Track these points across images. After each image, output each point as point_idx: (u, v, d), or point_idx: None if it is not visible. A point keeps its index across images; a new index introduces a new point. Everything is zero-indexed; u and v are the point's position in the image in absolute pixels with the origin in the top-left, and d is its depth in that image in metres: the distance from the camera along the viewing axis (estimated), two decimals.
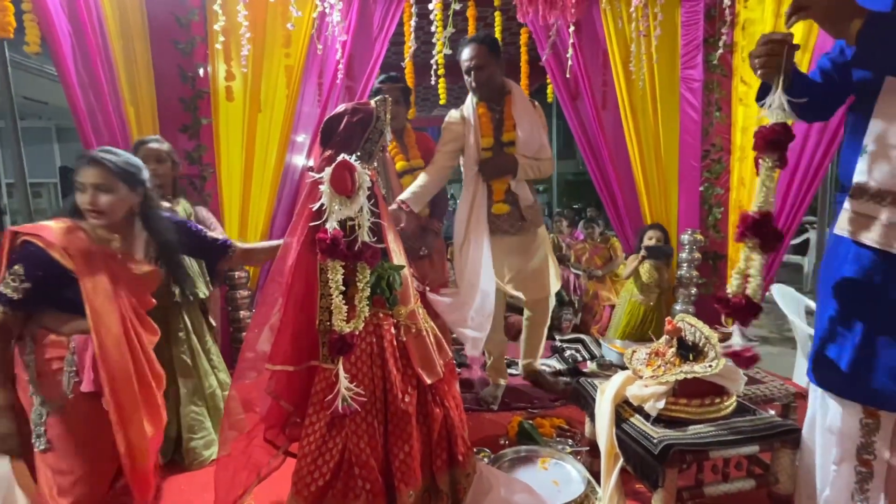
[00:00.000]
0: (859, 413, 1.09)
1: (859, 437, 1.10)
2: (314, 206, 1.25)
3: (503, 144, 2.24)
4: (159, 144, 2.04)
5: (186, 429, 1.94)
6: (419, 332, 1.36)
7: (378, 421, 1.29)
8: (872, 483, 1.10)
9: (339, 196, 1.21)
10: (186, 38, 2.65)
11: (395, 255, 1.35)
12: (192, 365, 1.98)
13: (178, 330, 1.95)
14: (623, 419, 1.50)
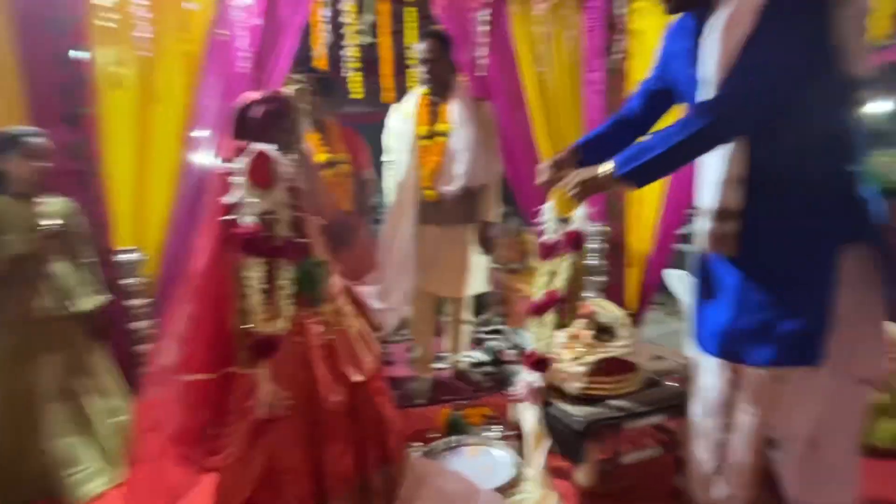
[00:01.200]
0: (726, 370, 1.23)
1: (727, 392, 1.24)
2: (228, 200, 1.16)
3: (435, 133, 2.26)
4: (37, 139, 1.78)
5: (60, 464, 1.68)
6: (345, 329, 1.32)
7: (306, 424, 1.23)
8: (735, 437, 1.23)
9: (256, 188, 1.13)
10: (62, 16, 2.33)
11: (318, 251, 1.30)
12: (65, 388, 1.73)
13: (44, 349, 1.70)
14: (547, 402, 1.57)
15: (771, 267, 1.18)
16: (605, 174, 1.25)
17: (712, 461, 1.34)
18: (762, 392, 1.21)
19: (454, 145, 2.26)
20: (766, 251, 1.18)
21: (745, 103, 1.09)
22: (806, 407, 1.21)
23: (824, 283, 1.14)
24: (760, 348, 1.18)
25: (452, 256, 2.37)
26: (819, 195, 1.15)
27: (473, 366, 2.80)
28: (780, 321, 1.15)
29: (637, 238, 3.44)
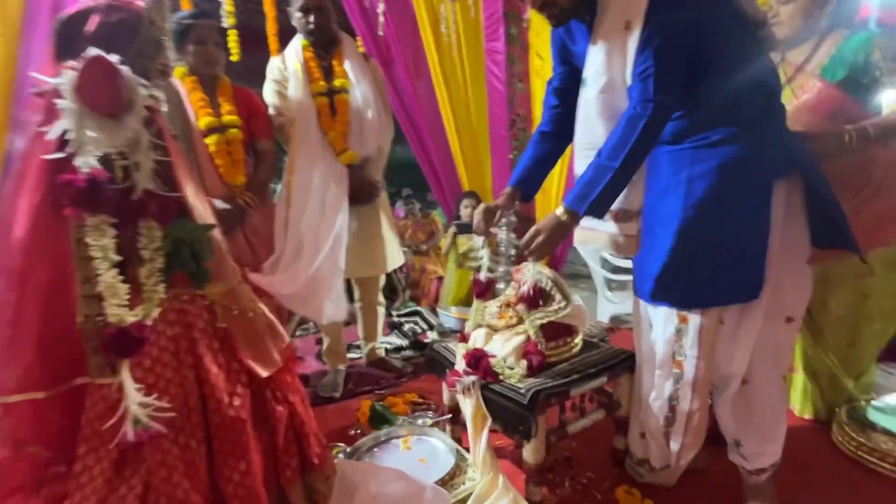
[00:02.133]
0: (672, 319, 1.22)
1: (674, 340, 1.23)
2: (51, 133, 0.81)
3: (335, 91, 1.99)
4: None
5: None
6: (243, 313, 1.03)
7: (196, 439, 0.93)
8: (682, 382, 1.24)
9: (94, 115, 0.80)
10: None
11: (199, 214, 0.99)
12: None
13: None
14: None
15: (710, 208, 1.16)
16: (566, 221, 1.24)
17: (664, 415, 1.31)
18: (705, 335, 1.20)
19: (357, 103, 2.00)
20: (706, 195, 1.16)
21: (669, 83, 1.12)
22: (741, 346, 1.23)
23: (762, 219, 1.16)
24: (703, 289, 1.18)
25: (366, 231, 2.12)
26: (752, 132, 1.16)
27: (392, 351, 2.59)
28: (721, 259, 1.16)
29: (543, 211, 3.46)
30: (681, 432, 1.29)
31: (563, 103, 1.45)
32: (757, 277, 1.16)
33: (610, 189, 1.19)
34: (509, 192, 1.50)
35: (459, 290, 3.25)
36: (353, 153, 1.98)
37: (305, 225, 1.88)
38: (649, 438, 1.39)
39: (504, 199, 1.50)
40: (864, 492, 1.43)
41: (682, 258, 1.18)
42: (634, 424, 1.47)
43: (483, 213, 1.46)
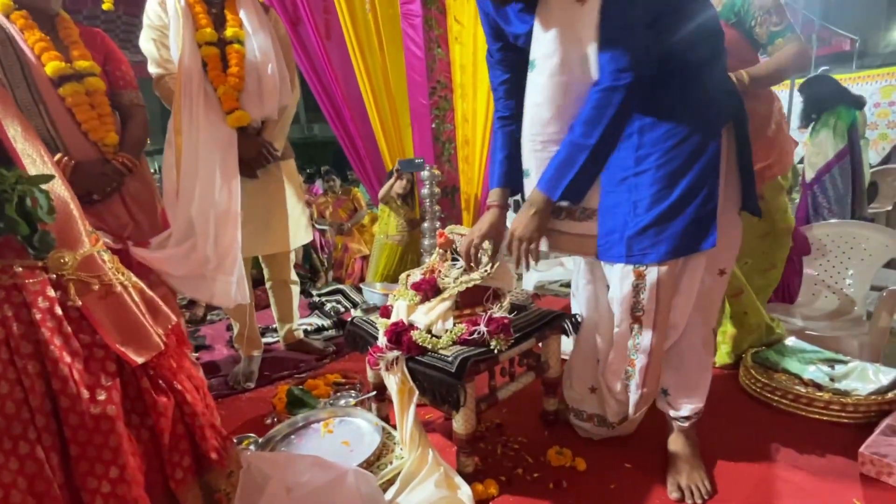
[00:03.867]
0: (630, 275, 1.19)
1: (632, 296, 1.20)
2: None
3: (226, 41, 1.74)
4: None
5: None
6: (108, 288, 0.84)
7: (44, 446, 0.74)
8: (642, 330, 1.23)
9: None
10: None
11: (29, 162, 0.77)
12: None
13: None
14: None
15: (664, 155, 1.12)
16: (541, 209, 1.20)
17: (623, 369, 1.30)
18: (663, 288, 1.18)
19: (254, 56, 1.77)
20: (659, 148, 1.13)
21: (642, 49, 1.06)
22: (684, 297, 1.22)
23: (712, 169, 1.13)
24: (663, 243, 1.14)
25: (267, 203, 1.91)
26: (702, 77, 1.14)
27: (313, 332, 2.41)
28: (679, 211, 1.13)
29: (468, 181, 3.40)
30: (640, 383, 1.28)
31: (511, 73, 1.34)
32: (712, 225, 1.13)
33: (586, 169, 1.14)
34: (499, 198, 1.40)
35: (386, 266, 3.12)
36: (243, 114, 1.74)
37: (197, 196, 1.65)
38: (605, 395, 1.37)
39: (498, 216, 1.38)
40: (769, 426, 1.52)
41: (640, 215, 1.14)
42: (578, 381, 1.46)
43: (473, 249, 1.36)
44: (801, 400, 1.57)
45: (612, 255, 1.20)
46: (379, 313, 1.48)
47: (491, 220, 1.37)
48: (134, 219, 1.58)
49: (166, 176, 1.66)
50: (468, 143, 3.32)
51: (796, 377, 1.66)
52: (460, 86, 3.28)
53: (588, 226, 1.24)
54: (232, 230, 1.69)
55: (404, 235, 3.12)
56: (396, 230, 3.12)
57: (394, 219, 3.15)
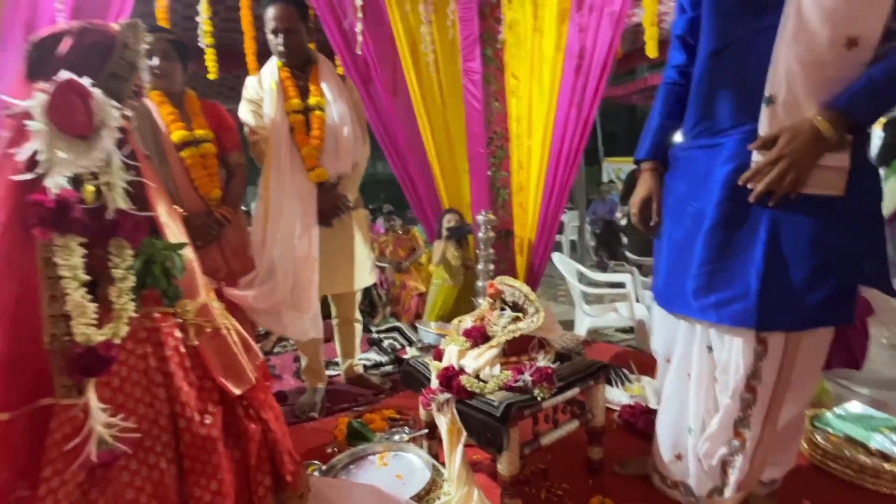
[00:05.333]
0: (751, 341, 1.08)
1: (750, 365, 1.09)
2: (20, 155, 0.81)
3: (309, 108, 2.02)
4: None
5: None
6: (217, 331, 1.04)
7: (166, 459, 0.93)
8: (755, 408, 1.11)
9: (65, 136, 0.81)
10: None
11: (170, 232, 1.00)
12: None
13: None
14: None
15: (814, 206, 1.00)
16: (830, 134, 0.96)
17: (726, 442, 1.18)
18: (789, 358, 1.05)
19: (332, 120, 2.04)
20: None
21: None
22: (811, 369, 1.11)
23: (878, 231, 1.04)
24: (804, 309, 1.01)
25: (338, 248, 2.14)
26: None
27: (371, 367, 2.58)
28: (828, 276, 0.99)
29: (521, 225, 3.52)
30: (747, 459, 1.15)
31: (692, 58, 1.24)
32: (854, 295, 1.01)
33: (881, 101, 0.98)
34: (652, 167, 1.33)
35: (442, 307, 3.28)
36: (321, 171, 2.00)
37: (280, 242, 1.89)
38: (695, 465, 1.26)
39: (652, 177, 1.32)
40: (832, 499, 1.45)
41: (778, 275, 1.01)
42: (664, 446, 1.38)
43: (640, 205, 1.33)
44: (866, 471, 1.49)
45: (734, 317, 1.06)
46: (433, 355, 1.61)
47: (648, 182, 1.33)
48: (228, 263, 1.84)
49: (256, 224, 1.93)
50: (522, 189, 3.46)
51: (861, 446, 1.59)
52: (516, 135, 3.45)
53: (841, 157, 1.00)
54: (309, 273, 1.92)
55: (459, 278, 3.27)
56: (453, 273, 3.28)
57: (453, 261, 3.33)
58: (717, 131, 1.15)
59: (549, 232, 3.38)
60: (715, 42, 1.16)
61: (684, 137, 1.28)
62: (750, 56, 1.07)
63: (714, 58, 1.16)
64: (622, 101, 8.02)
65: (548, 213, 3.31)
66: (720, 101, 1.14)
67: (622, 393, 2.11)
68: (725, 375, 1.14)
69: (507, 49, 3.33)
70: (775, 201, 1.02)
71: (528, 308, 1.54)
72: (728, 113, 1.12)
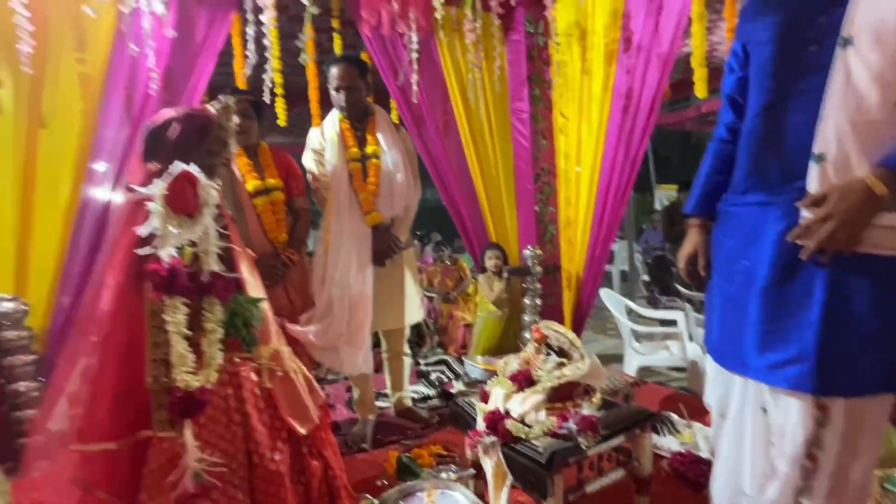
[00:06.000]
0: (810, 406, 1.02)
1: (810, 433, 1.03)
2: (141, 231, 0.98)
3: (367, 156, 2.18)
4: None
5: None
6: (286, 374, 1.16)
7: (242, 491, 1.04)
8: (817, 478, 1.05)
9: (177, 216, 0.97)
10: None
11: (250, 287, 1.14)
12: None
13: None
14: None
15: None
16: (882, 194, 0.95)
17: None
18: (854, 424, 1.00)
19: (387, 167, 2.19)
20: None
21: None
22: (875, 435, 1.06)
23: None
24: (871, 371, 0.98)
25: (390, 285, 2.26)
26: None
27: (419, 401, 2.66)
28: (892, 338, 0.96)
29: (569, 260, 3.54)
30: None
31: (741, 117, 1.26)
32: None
33: None
34: (699, 223, 1.35)
35: (488, 340, 3.33)
36: (376, 214, 2.15)
37: (338, 281, 2.04)
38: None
39: (699, 241, 1.33)
40: None
41: (842, 331, 0.98)
42: None
43: (688, 260, 1.34)
44: None
45: (790, 380, 1.02)
46: (479, 397, 1.67)
47: (695, 238, 1.34)
48: (291, 301, 2.00)
49: (316, 264, 2.09)
50: (570, 224, 3.50)
51: None
52: (564, 172, 3.51)
53: None
54: (364, 310, 2.05)
55: (504, 311, 3.32)
56: (501, 305, 3.34)
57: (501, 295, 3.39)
58: (766, 188, 1.16)
59: (598, 266, 3.38)
60: (763, 99, 1.18)
61: (733, 193, 1.30)
62: (798, 114, 1.09)
63: (763, 115, 1.19)
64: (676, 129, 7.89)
65: (596, 249, 3.32)
66: (769, 159, 1.16)
67: (672, 440, 2.07)
68: (782, 441, 1.08)
69: (556, 89, 3.42)
70: (827, 260, 1.01)
71: (573, 354, 1.57)
72: (777, 170, 1.14)
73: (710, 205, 1.36)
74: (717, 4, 3.69)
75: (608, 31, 2.95)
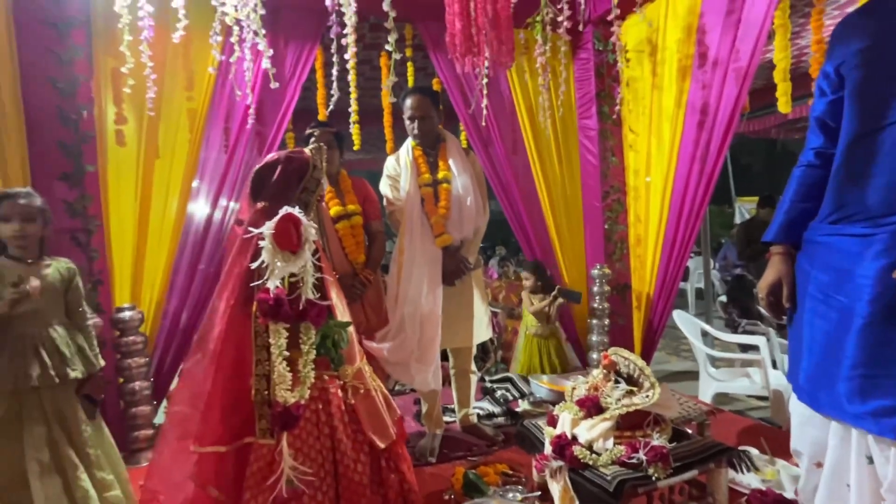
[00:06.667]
0: None
1: None
2: (253, 265, 1.13)
3: (438, 181, 2.30)
4: (29, 200, 1.63)
5: None
6: (368, 392, 1.27)
7: (328, 498, 1.16)
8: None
9: (282, 252, 1.11)
10: (68, 77, 2.36)
11: (339, 311, 1.26)
12: (55, 462, 1.55)
13: (34, 421, 1.54)
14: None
15: None
16: None
17: None
18: None
19: (458, 191, 2.29)
20: None
21: None
22: None
23: None
24: None
25: (459, 305, 2.34)
26: None
27: (484, 417, 2.71)
28: None
29: (640, 279, 3.45)
30: None
31: (831, 141, 1.24)
32: None
33: None
34: (783, 251, 1.30)
35: (531, 357, 3.33)
36: (448, 237, 2.24)
37: (410, 300, 2.15)
38: None
39: (783, 270, 1.28)
40: None
41: None
42: None
43: (770, 290, 1.29)
44: None
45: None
46: (546, 420, 1.70)
47: (779, 267, 1.29)
48: (367, 318, 2.14)
49: (390, 284, 2.22)
50: (641, 242, 3.42)
51: None
52: (633, 188, 3.45)
53: None
54: (434, 328, 2.14)
55: (544, 329, 3.30)
56: (536, 323, 3.32)
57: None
58: (864, 220, 1.11)
59: (670, 286, 3.27)
60: (862, 126, 1.14)
61: (822, 222, 1.24)
62: None
63: (861, 142, 1.14)
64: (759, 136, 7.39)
65: (668, 268, 3.21)
66: (869, 189, 1.10)
67: (752, 476, 1.96)
68: (893, 496, 1.01)
69: (625, 105, 3.38)
70: None
71: (643, 382, 1.56)
72: (878, 202, 1.08)
73: (794, 232, 1.31)
74: (805, 8, 3.48)
75: (681, 46, 2.88)
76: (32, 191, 1.63)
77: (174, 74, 2.58)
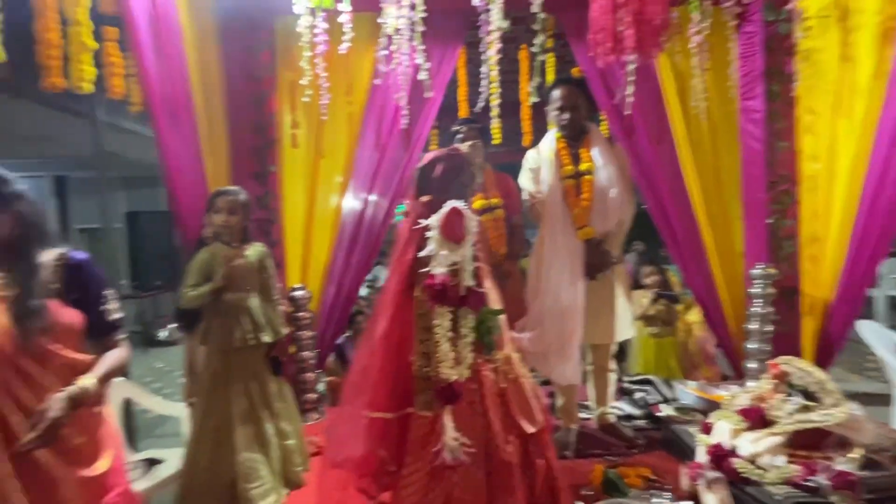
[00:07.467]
0: None
1: None
2: (421, 254, 1.26)
3: (580, 173, 2.27)
4: (234, 196, 2.01)
5: (242, 477, 1.83)
6: (517, 377, 1.33)
7: (482, 472, 1.24)
8: None
9: (447, 243, 1.21)
10: (258, 92, 2.80)
11: (492, 300, 1.34)
12: (250, 410, 1.90)
13: (238, 375, 1.90)
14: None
15: None
16: None
17: None
18: None
19: (601, 183, 2.22)
20: None
21: None
22: None
23: None
24: None
25: (600, 300, 2.28)
26: None
27: (622, 418, 2.61)
28: None
29: (813, 282, 3.00)
30: None
31: None
32: None
33: None
34: None
35: (645, 360, 3.11)
36: (589, 229, 2.19)
37: (550, 292, 2.15)
38: None
39: None
40: None
41: None
42: None
43: None
44: None
45: None
46: (701, 428, 1.59)
47: None
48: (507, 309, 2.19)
49: (530, 276, 2.25)
50: (817, 240, 2.97)
51: None
52: (810, 178, 2.99)
53: None
54: (574, 322, 2.13)
55: (660, 330, 3.04)
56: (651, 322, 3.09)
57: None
58: None
59: (856, 292, 2.81)
60: None
61: None
62: None
63: None
64: None
65: (854, 272, 2.75)
66: None
67: None
68: None
69: (803, 82, 2.93)
70: None
71: (823, 398, 1.38)
72: None
73: None
74: None
75: (884, 6, 2.43)
76: (240, 189, 2.00)
77: (337, 82, 2.89)
